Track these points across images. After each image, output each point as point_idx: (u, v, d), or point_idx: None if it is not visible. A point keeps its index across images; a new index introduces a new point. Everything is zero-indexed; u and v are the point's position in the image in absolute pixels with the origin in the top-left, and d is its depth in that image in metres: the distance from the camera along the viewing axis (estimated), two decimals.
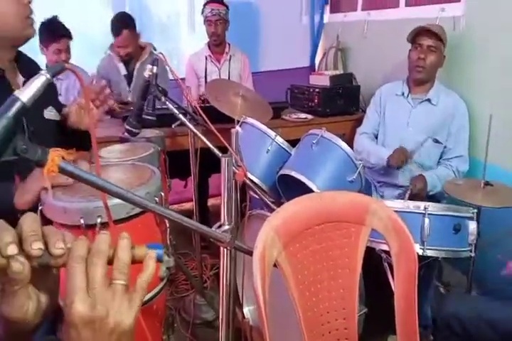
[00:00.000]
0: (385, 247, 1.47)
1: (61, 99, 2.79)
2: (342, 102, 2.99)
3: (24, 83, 1.38)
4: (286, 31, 3.93)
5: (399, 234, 1.11)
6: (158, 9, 3.63)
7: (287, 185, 1.93)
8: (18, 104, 0.60)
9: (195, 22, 3.69)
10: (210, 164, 2.02)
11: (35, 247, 0.50)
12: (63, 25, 2.68)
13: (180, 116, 1.56)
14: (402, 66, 2.46)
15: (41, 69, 1.52)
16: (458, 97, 2.30)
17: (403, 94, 2.39)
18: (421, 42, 2.24)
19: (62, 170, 0.66)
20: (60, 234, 0.54)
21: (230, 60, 3.25)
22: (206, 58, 3.22)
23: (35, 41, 2.37)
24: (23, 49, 1.41)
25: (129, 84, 3.07)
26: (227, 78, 3.22)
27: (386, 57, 3.04)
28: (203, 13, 3.10)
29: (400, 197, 2.19)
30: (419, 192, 2.07)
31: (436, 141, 2.29)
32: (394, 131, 2.39)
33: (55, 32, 2.64)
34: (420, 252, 1.59)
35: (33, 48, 2.38)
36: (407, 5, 2.95)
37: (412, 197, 2.04)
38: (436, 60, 2.24)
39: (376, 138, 2.52)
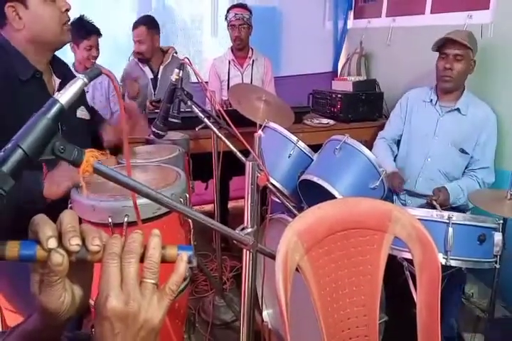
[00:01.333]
0: (407, 255, 1.46)
1: (88, 96, 2.87)
2: (365, 108, 2.98)
3: (59, 84, 1.44)
4: (309, 36, 3.93)
5: (422, 243, 1.10)
6: (182, 13, 3.67)
7: (308, 190, 1.93)
8: (57, 106, 0.62)
9: (218, 26, 3.72)
10: (231, 167, 2.04)
11: (74, 243, 0.52)
12: (92, 23, 2.77)
13: (205, 119, 1.59)
14: (427, 73, 2.45)
15: (70, 70, 1.58)
16: (488, 108, 2.26)
17: (431, 101, 2.35)
18: (446, 51, 2.20)
19: (96, 171, 0.68)
20: (97, 231, 0.56)
21: (252, 64, 3.27)
22: (229, 62, 3.25)
23: None
24: None
25: (154, 87, 3.12)
26: (249, 82, 3.25)
27: (411, 65, 3.01)
28: (226, 18, 3.14)
29: (424, 207, 2.16)
30: (441, 204, 2.05)
31: (463, 151, 2.24)
32: (420, 139, 2.36)
33: (85, 29, 2.72)
34: (443, 262, 1.57)
35: None
36: (432, 12, 2.90)
37: (434, 207, 2.03)
38: (464, 68, 2.20)
39: (396, 144, 2.50)
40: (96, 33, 2.78)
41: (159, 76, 3.11)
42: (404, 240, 1.12)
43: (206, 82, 3.20)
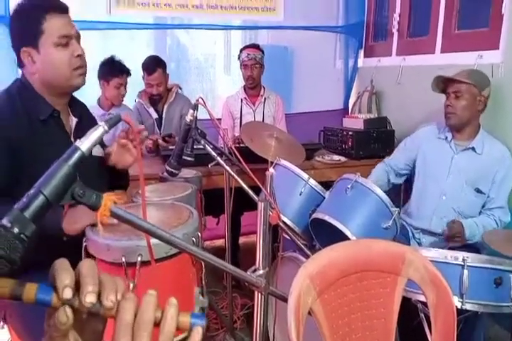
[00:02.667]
0: (421, 298, 1.43)
1: (109, 132, 2.92)
2: (376, 146, 3.00)
3: (76, 123, 1.49)
4: (320, 74, 4.01)
5: (436, 286, 1.09)
6: (196, 51, 3.79)
7: (320, 228, 1.92)
8: (78, 154, 0.65)
9: (231, 64, 3.83)
10: (243, 202, 2.05)
11: (89, 300, 0.51)
12: (123, 63, 2.88)
13: (217, 158, 1.62)
14: (437, 112, 2.46)
15: (88, 110, 1.64)
16: (504, 147, 2.25)
17: (446, 138, 2.33)
18: (447, 90, 2.25)
19: (113, 214, 0.71)
20: (114, 283, 0.55)
21: (264, 102, 3.33)
22: (242, 100, 3.32)
23: None
24: None
25: (159, 127, 3.20)
26: (261, 119, 3.31)
27: (421, 103, 3.03)
28: (239, 58, 3.22)
29: (438, 245, 2.12)
30: (455, 236, 2.03)
31: (479, 191, 2.22)
32: (434, 176, 2.33)
33: (116, 68, 2.84)
34: (459, 305, 1.53)
35: None
36: (443, 51, 2.94)
37: (449, 240, 2.00)
38: (466, 104, 2.19)
39: (396, 175, 2.52)
40: (126, 72, 2.89)
41: (164, 115, 3.19)
42: (417, 283, 1.11)
43: (219, 119, 3.27)
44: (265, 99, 3.33)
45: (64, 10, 1.40)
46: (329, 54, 4.15)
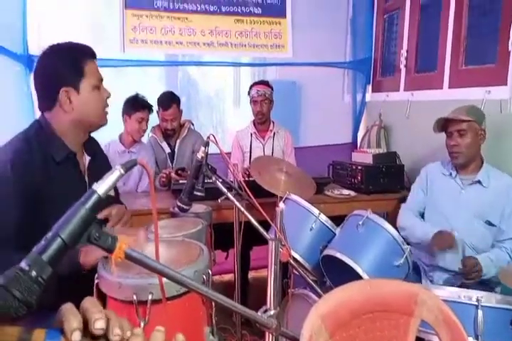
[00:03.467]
0: (435, 339, 1.40)
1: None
2: (386, 180, 2.99)
3: (89, 161, 1.53)
4: (329, 109, 4.06)
5: (450, 327, 1.07)
6: (206, 86, 3.90)
7: (331, 264, 1.91)
8: (95, 197, 0.66)
9: (240, 98, 3.91)
10: (252, 237, 2.05)
11: (98, 327, 0.52)
12: (146, 100, 2.98)
13: (228, 194, 1.63)
14: (445, 148, 2.47)
15: (100, 147, 1.69)
16: (510, 179, 2.25)
17: (451, 174, 2.35)
18: (449, 130, 2.26)
19: (128, 256, 0.72)
20: (119, 319, 0.56)
21: (273, 136, 3.38)
22: (251, 135, 3.37)
23: None
24: None
25: (171, 161, 3.25)
26: (270, 153, 3.34)
27: (430, 138, 2.99)
28: (249, 93, 3.29)
29: (451, 282, 2.09)
30: (471, 275, 2.00)
31: (489, 223, 2.21)
32: (443, 213, 2.33)
33: (139, 103, 2.93)
34: None
35: None
36: (450, 87, 2.95)
37: (467, 277, 1.97)
38: (471, 141, 2.21)
39: (421, 216, 2.48)
40: (148, 108, 2.97)
41: (176, 150, 3.25)
42: (431, 324, 1.09)
43: (228, 153, 3.31)
44: (274, 133, 3.38)
45: (95, 56, 1.53)
46: (337, 88, 4.22)
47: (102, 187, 0.67)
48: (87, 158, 1.57)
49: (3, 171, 1.34)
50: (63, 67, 1.45)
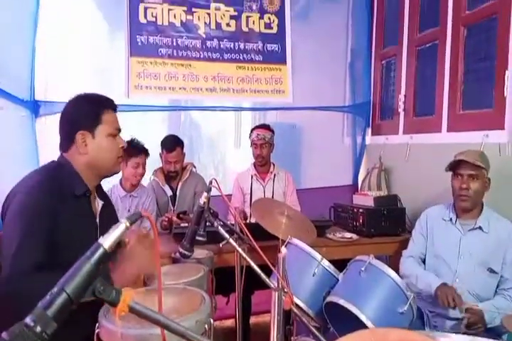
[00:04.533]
0: None
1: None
2: (387, 223, 2.99)
3: (102, 206, 1.63)
4: (329, 151, 4.13)
5: None
6: (208, 128, 3.96)
7: (334, 310, 1.87)
8: (100, 251, 0.67)
9: (241, 139, 3.97)
10: (254, 281, 2.02)
11: None
12: (142, 144, 2.99)
13: (230, 239, 1.62)
14: (446, 190, 2.47)
15: (109, 198, 1.72)
16: (510, 223, 2.24)
17: (451, 219, 2.34)
18: (461, 172, 2.23)
19: (132, 310, 0.72)
20: None
21: (274, 178, 3.41)
22: (252, 177, 3.40)
23: None
24: None
25: (173, 204, 3.26)
26: (271, 195, 3.37)
27: (430, 180, 3.04)
28: (250, 137, 3.35)
29: (456, 329, 2.04)
30: (475, 324, 1.95)
31: (492, 271, 2.18)
32: (445, 259, 2.30)
33: (135, 148, 2.92)
34: None
35: None
36: (449, 130, 3.00)
37: (468, 327, 1.93)
38: (481, 187, 2.22)
39: (423, 262, 2.45)
40: (144, 152, 2.98)
41: (178, 193, 3.26)
42: None
43: (228, 195, 3.33)
44: (275, 175, 3.42)
45: (115, 108, 1.67)
46: (337, 131, 4.30)
47: (107, 241, 0.68)
48: (100, 203, 1.65)
49: (25, 197, 1.42)
50: (83, 113, 1.58)
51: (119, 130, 1.67)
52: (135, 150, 2.92)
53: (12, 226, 1.38)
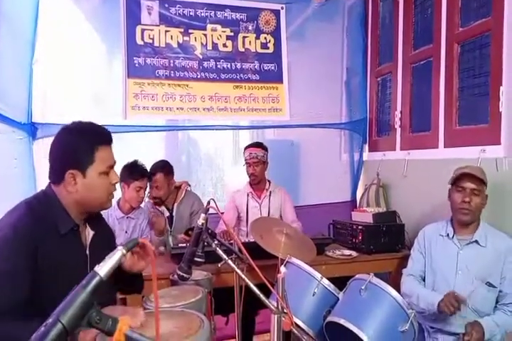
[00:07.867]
0: None
1: (126, 236, 2.94)
2: (386, 240, 2.98)
3: (93, 236, 1.54)
4: (327, 167, 4.15)
5: None
6: (206, 144, 4.00)
7: (335, 330, 1.85)
8: (96, 279, 0.67)
9: (239, 157, 3.98)
10: (257, 300, 2.00)
11: None
12: (145, 167, 2.97)
13: (229, 261, 1.62)
14: (444, 206, 2.47)
15: (104, 220, 1.68)
16: (508, 238, 2.24)
17: (448, 235, 2.34)
18: (464, 185, 2.23)
19: (128, 339, 0.71)
20: None
21: (269, 195, 3.41)
22: (248, 195, 3.40)
23: None
24: None
25: (170, 224, 3.25)
26: (267, 212, 3.37)
27: (429, 196, 3.04)
28: (244, 155, 3.36)
29: None
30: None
31: (490, 285, 2.17)
32: (443, 275, 2.30)
33: (138, 172, 2.91)
34: None
35: None
36: (446, 146, 3.01)
37: None
38: (481, 202, 2.23)
39: (423, 280, 2.43)
40: (146, 176, 2.96)
41: (174, 213, 3.26)
42: None
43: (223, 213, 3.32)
44: (270, 192, 3.41)
45: (111, 141, 1.53)
46: (334, 148, 4.32)
47: (103, 269, 0.68)
48: (91, 233, 1.55)
49: (5, 233, 1.34)
50: (75, 149, 1.44)
51: (113, 165, 1.54)
52: (138, 173, 2.90)
53: None
